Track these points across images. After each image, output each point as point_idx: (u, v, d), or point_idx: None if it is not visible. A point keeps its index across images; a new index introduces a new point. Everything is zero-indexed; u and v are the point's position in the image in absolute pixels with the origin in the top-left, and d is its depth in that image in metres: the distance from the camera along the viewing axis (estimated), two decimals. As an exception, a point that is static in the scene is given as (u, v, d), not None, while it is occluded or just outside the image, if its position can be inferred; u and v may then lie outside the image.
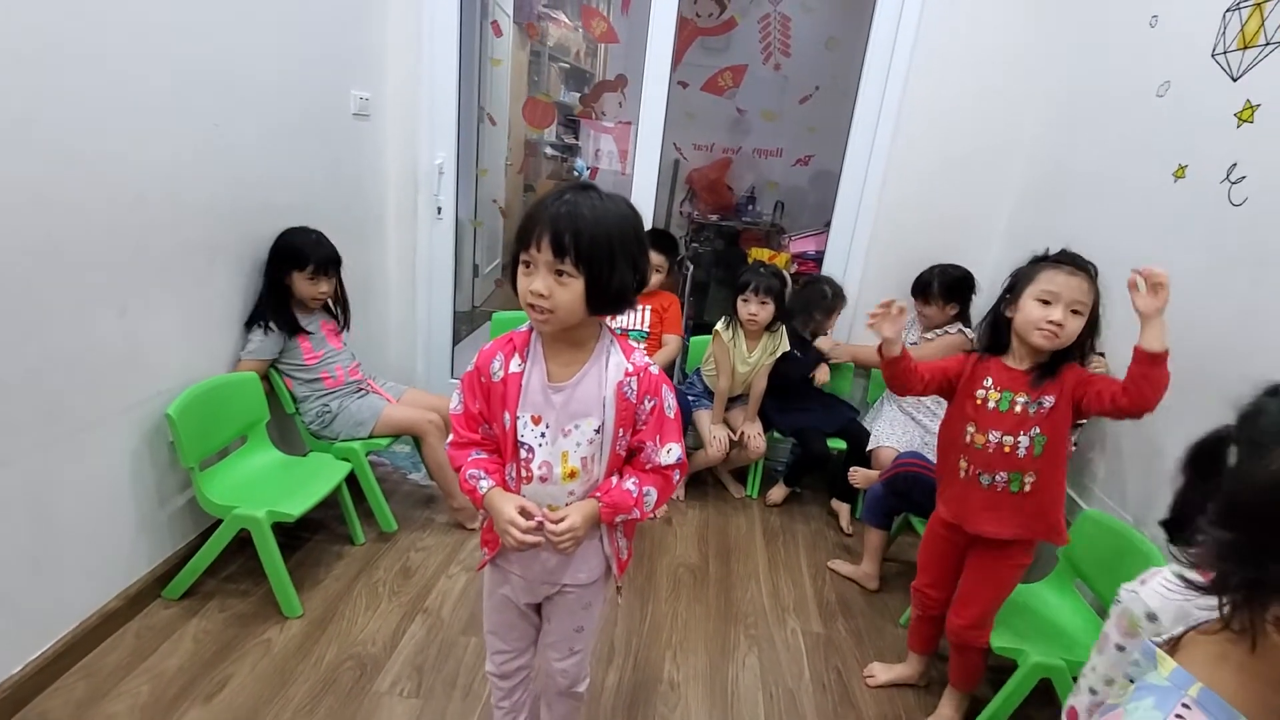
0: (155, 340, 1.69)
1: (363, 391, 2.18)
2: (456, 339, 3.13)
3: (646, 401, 1.09)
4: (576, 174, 5.69)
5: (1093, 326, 1.35)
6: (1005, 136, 2.44)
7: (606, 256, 0.97)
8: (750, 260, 2.79)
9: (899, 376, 1.49)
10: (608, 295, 1.01)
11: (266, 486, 1.86)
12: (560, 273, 0.97)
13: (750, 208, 4.43)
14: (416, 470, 2.54)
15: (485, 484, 1.11)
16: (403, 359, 2.94)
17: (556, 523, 1.06)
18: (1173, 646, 0.59)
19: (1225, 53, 1.59)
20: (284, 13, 1.95)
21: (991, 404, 1.43)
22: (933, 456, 2.27)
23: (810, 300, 2.59)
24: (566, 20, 5.41)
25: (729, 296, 2.53)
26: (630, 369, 1.08)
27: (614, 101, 3.07)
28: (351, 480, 2.05)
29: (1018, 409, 1.41)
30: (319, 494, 1.82)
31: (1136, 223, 1.81)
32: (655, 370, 1.10)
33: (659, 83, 2.57)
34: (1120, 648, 0.93)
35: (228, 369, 1.94)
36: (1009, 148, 2.45)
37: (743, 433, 2.49)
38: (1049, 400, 1.38)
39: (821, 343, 2.58)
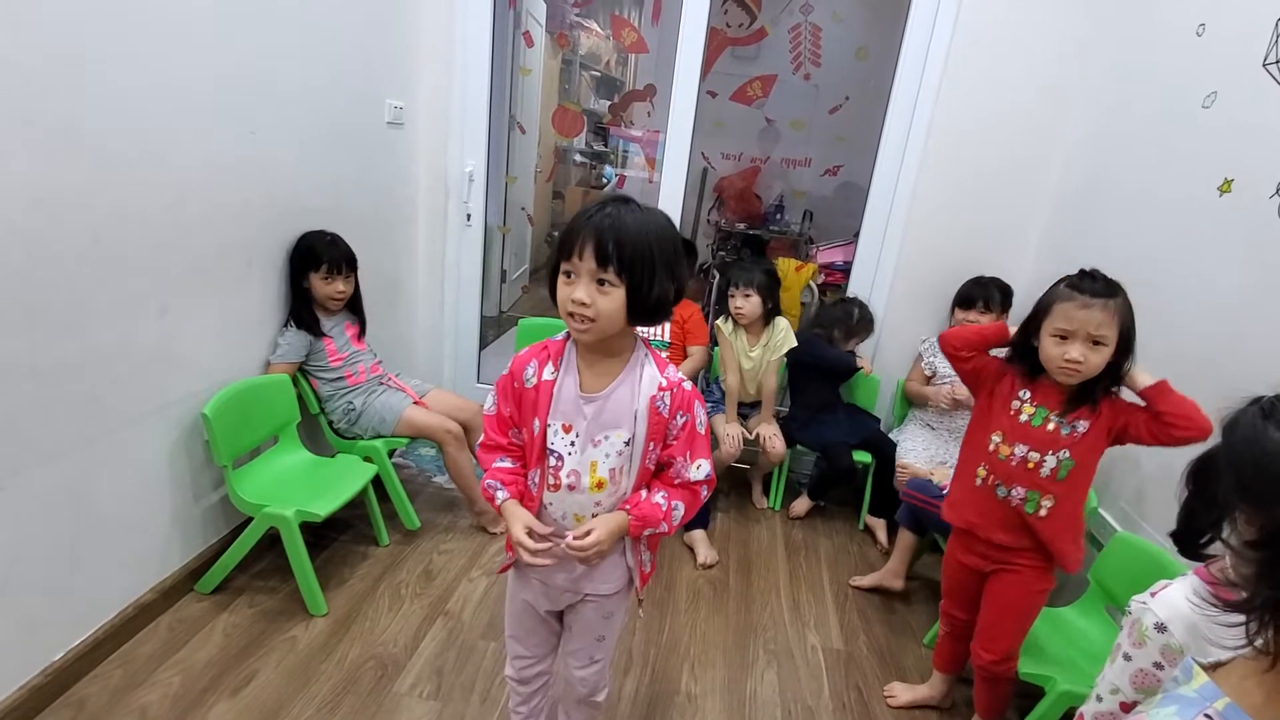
0: (193, 340, 1.74)
1: (385, 386, 2.21)
2: (483, 344, 3.17)
3: (679, 417, 1.09)
4: (605, 181, 5.74)
5: (1124, 351, 1.29)
6: (1040, 148, 2.39)
7: (647, 266, 0.99)
8: (779, 269, 2.77)
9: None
10: (647, 305, 1.02)
11: (296, 486, 1.90)
12: (602, 282, 0.98)
13: (778, 217, 4.42)
14: (441, 473, 2.58)
15: (501, 495, 1.12)
16: (430, 362, 2.98)
17: (580, 537, 1.06)
18: (1214, 667, 0.59)
19: (1278, 62, 1.54)
20: (322, 23, 2.01)
21: (1024, 417, 1.40)
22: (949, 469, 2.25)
23: (835, 317, 2.58)
24: (598, 29, 5.46)
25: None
26: (664, 383, 1.08)
27: (643, 110, 3.08)
28: (377, 483, 2.09)
29: (1050, 426, 1.37)
30: (346, 495, 1.86)
31: (1178, 237, 1.76)
32: (688, 386, 1.11)
33: (688, 92, 2.57)
34: (1128, 657, 0.93)
35: (262, 370, 1.99)
36: (1044, 159, 2.40)
37: (759, 435, 2.47)
38: (1082, 425, 1.34)
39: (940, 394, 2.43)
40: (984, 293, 2.40)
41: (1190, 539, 0.87)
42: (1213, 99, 1.71)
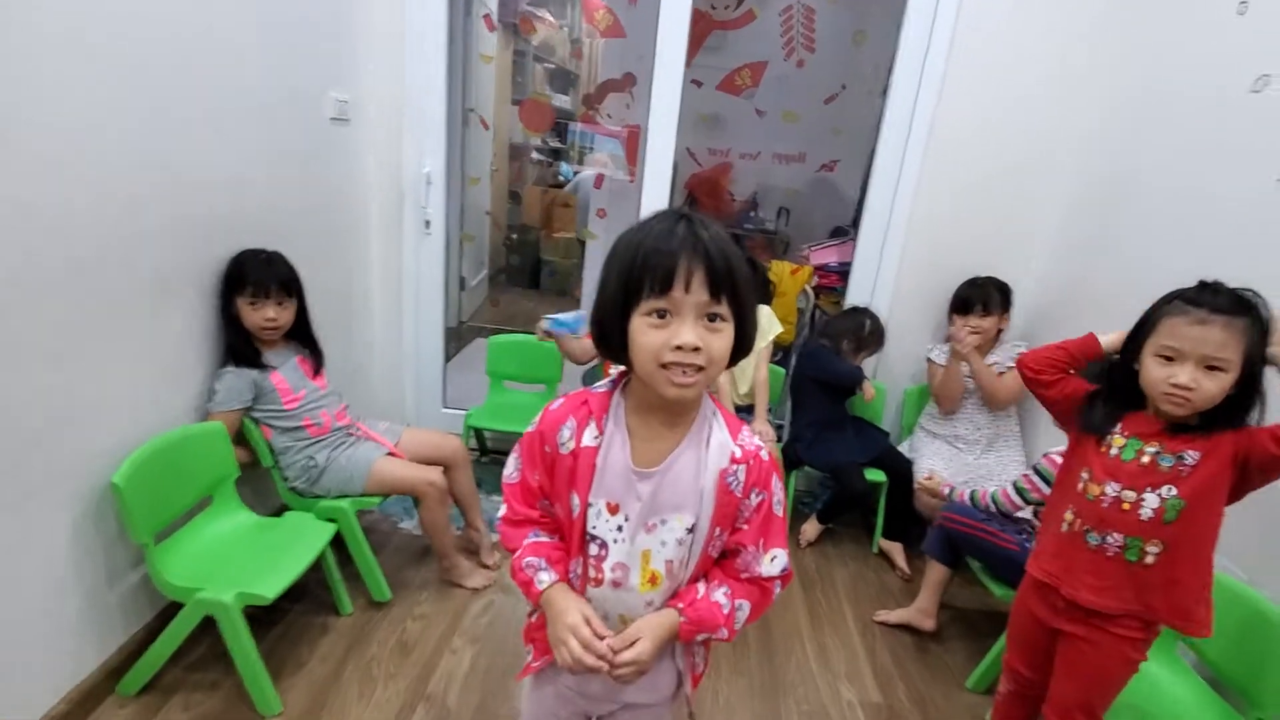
0: (98, 391, 1.41)
1: (353, 438, 1.90)
2: (445, 360, 2.86)
3: (754, 496, 0.86)
4: (563, 179, 5.45)
5: (1251, 385, 1.07)
6: (1056, 140, 2.23)
7: (748, 292, 0.79)
8: (773, 272, 2.57)
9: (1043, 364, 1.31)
10: (746, 344, 0.81)
11: (235, 558, 1.58)
12: (714, 317, 0.76)
13: (752, 214, 4.23)
14: (409, 517, 2.27)
15: (547, 577, 0.87)
16: (389, 387, 2.66)
17: (620, 647, 0.83)
18: None
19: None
20: (250, 3, 1.68)
21: (1114, 450, 1.19)
22: (980, 485, 2.08)
23: (844, 328, 2.38)
24: (551, 19, 5.16)
25: None
26: (738, 454, 0.85)
27: (620, 102, 2.82)
28: (336, 537, 1.77)
29: (1145, 459, 1.15)
30: (298, 567, 1.55)
31: (1230, 235, 1.61)
32: (766, 455, 0.87)
33: (671, 81, 2.33)
34: None
35: (188, 420, 1.65)
36: (1059, 152, 2.24)
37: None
38: (1192, 456, 1.11)
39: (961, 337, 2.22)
40: (981, 295, 2.25)
41: None
42: (1264, 82, 1.56)
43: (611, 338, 0.79)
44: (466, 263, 4.20)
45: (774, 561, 0.88)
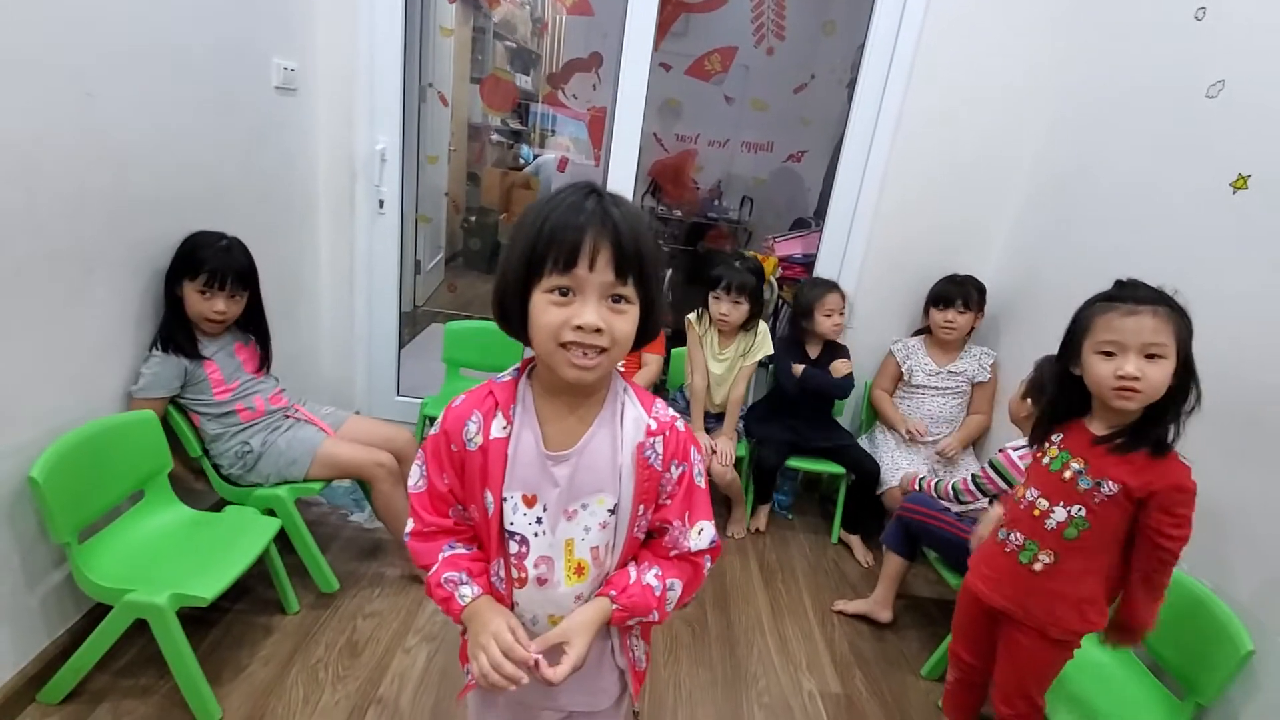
0: (9, 379, 1.29)
1: (291, 421, 1.80)
2: (399, 345, 2.76)
3: (674, 468, 0.84)
4: (523, 161, 5.32)
5: (1186, 372, 1.08)
6: (1017, 136, 2.25)
7: (656, 275, 0.77)
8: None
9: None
10: (652, 325, 0.78)
11: (170, 557, 1.47)
12: (618, 298, 0.73)
13: (715, 203, 4.20)
14: (360, 509, 2.18)
15: (469, 592, 0.82)
16: (339, 376, 2.55)
17: (553, 660, 0.79)
18: None
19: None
20: (183, -45, 1.55)
21: (1046, 459, 1.23)
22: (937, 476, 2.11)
23: (792, 317, 2.36)
24: (513, -6, 4.99)
25: (695, 297, 2.35)
26: (653, 425, 0.83)
27: (586, 83, 2.73)
28: (279, 536, 1.68)
29: (1067, 475, 1.18)
30: (239, 565, 1.46)
31: (1186, 239, 1.64)
32: (682, 426, 0.86)
33: (639, 62, 2.27)
34: None
35: (116, 409, 1.53)
36: (1021, 148, 2.26)
37: (716, 448, 2.24)
38: (1110, 487, 1.12)
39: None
40: (961, 291, 2.28)
41: None
42: (1219, 88, 1.60)
43: (511, 314, 0.76)
44: (423, 245, 4.06)
45: (701, 534, 0.86)
